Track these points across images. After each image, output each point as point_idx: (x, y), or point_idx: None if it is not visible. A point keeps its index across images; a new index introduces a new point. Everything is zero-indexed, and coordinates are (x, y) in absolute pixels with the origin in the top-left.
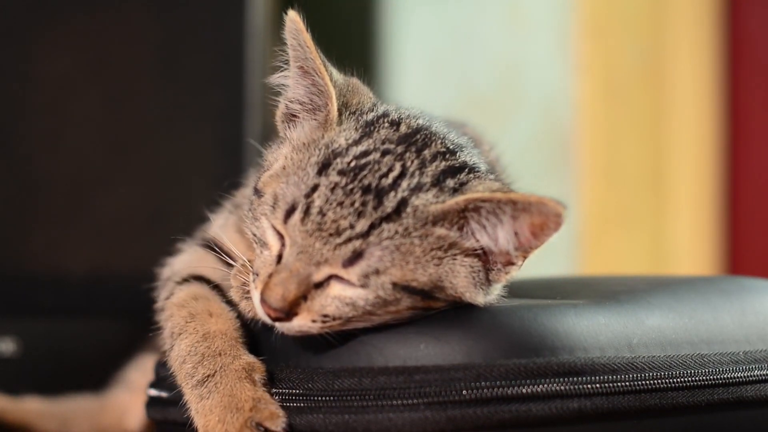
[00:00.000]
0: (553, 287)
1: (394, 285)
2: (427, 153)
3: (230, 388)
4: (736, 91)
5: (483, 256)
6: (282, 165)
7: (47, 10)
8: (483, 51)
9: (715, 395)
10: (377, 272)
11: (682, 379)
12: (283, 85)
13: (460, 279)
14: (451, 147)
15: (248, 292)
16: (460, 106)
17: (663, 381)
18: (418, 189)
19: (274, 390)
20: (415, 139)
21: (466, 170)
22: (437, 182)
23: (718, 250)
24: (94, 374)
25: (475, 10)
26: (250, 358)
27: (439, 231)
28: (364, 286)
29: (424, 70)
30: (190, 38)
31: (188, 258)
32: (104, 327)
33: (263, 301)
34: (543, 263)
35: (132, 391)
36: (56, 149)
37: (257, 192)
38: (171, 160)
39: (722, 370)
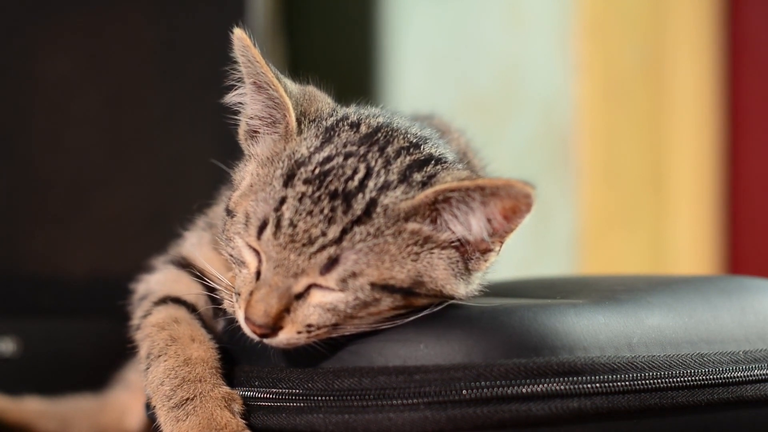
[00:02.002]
0: (553, 287)
1: (373, 285)
2: (390, 150)
3: (210, 411)
4: (736, 91)
5: (460, 246)
6: (249, 182)
7: (47, 10)
8: (483, 51)
9: (715, 395)
10: (354, 275)
11: (682, 379)
12: (240, 103)
13: (439, 272)
14: (414, 141)
15: None
16: (460, 107)
17: (663, 380)
18: (385, 187)
19: (275, 390)
20: (377, 138)
21: (433, 162)
22: (404, 178)
23: (718, 250)
24: (94, 374)
25: (475, 10)
26: (230, 389)
27: (412, 226)
28: (342, 290)
29: (424, 70)
30: (190, 38)
31: (163, 277)
32: (104, 327)
33: (247, 319)
34: (543, 263)
35: (132, 391)
36: (56, 149)
37: (229, 212)
38: (171, 160)
39: (722, 370)
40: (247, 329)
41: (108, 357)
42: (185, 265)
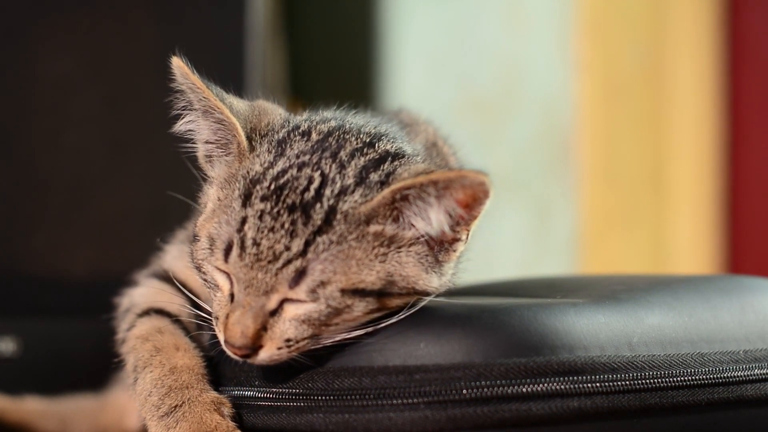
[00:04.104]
0: (553, 287)
1: (343, 291)
2: (343, 154)
3: (199, 416)
4: (736, 91)
5: (427, 241)
6: (211, 207)
7: (47, 10)
8: (483, 51)
9: (715, 394)
10: (323, 284)
11: (682, 378)
12: (191, 130)
13: (409, 269)
14: (367, 140)
15: None
16: (460, 107)
17: (663, 380)
18: (342, 193)
19: (275, 389)
20: (328, 144)
21: (389, 159)
22: (361, 180)
23: (718, 250)
24: (94, 374)
25: (475, 10)
26: (218, 394)
27: (375, 228)
28: (314, 300)
29: (424, 70)
30: (190, 38)
31: (146, 290)
32: (104, 327)
33: (226, 342)
34: (543, 263)
35: None
36: (57, 149)
37: (195, 237)
38: (171, 160)
39: (722, 369)
40: (229, 352)
41: (108, 357)
42: (167, 278)
